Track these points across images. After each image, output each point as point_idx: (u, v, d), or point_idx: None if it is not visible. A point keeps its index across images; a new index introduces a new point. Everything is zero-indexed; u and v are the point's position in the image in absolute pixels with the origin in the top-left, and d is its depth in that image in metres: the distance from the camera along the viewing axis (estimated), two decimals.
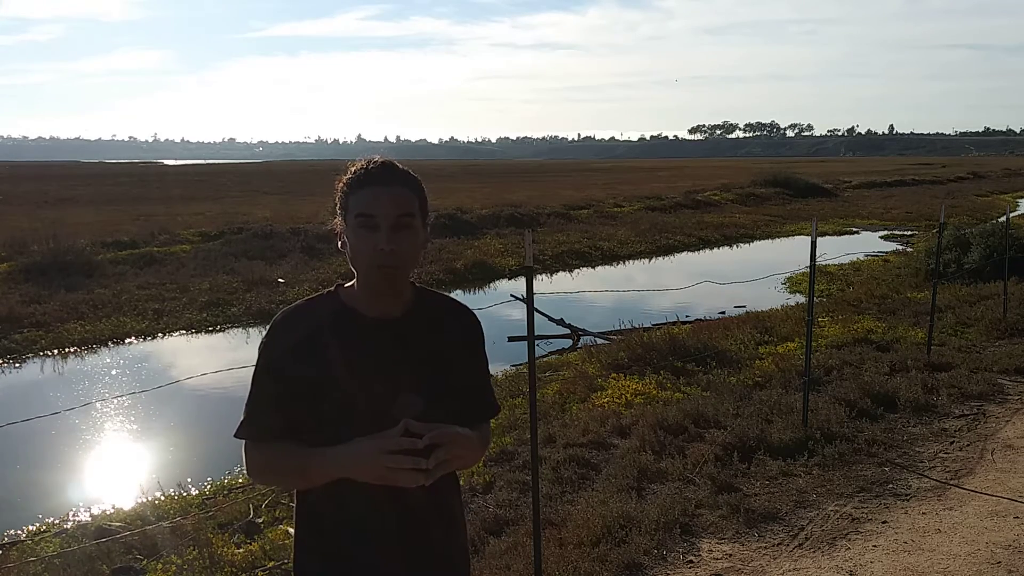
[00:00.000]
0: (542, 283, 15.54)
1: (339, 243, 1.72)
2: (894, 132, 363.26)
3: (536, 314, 4.25)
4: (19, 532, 5.16)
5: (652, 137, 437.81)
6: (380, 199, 1.64)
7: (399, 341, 1.71)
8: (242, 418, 1.72)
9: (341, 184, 1.70)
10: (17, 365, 10.03)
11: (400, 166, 1.71)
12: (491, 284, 15.77)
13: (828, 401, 6.26)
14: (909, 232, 23.10)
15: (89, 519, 5.25)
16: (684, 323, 10.06)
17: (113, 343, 10.96)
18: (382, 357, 1.69)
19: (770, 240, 23.06)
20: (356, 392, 1.66)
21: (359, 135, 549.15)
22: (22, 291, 13.00)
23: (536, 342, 4.08)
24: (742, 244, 22.44)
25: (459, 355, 1.80)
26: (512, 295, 9.21)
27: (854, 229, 24.34)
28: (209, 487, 5.75)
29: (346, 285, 1.76)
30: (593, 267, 18.43)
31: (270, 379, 1.70)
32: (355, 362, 1.67)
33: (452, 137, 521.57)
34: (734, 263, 18.87)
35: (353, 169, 1.70)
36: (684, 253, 20.74)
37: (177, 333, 11.60)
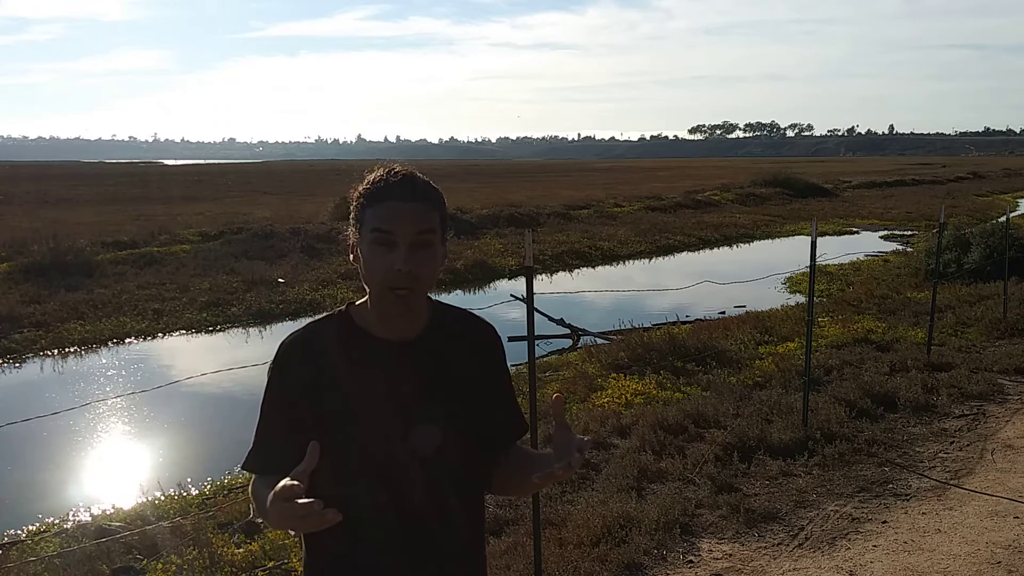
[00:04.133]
0: (542, 283, 15.54)
1: (351, 256, 1.62)
2: (894, 132, 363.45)
3: (536, 314, 4.25)
4: (19, 532, 5.16)
5: (652, 137, 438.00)
6: (399, 215, 1.53)
7: (416, 365, 1.61)
8: (250, 448, 1.66)
9: (356, 194, 1.58)
10: (17, 365, 10.03)
11: (421, 177, 1.59)
12: (491, 284, 15.76)
13: (828, 401, 6.26)
14: (909, 232, 23.09)
15: (89, 519, 5.25)
16: (684, 323, 10.06)
17: (113, 343, 10.96)
18: (398, 383, 1.60)
19: (770, 240, 23.05)
20: (372, 422, 1.58)
21: (359, 135, 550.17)
22: (22, 291, 12.99)
23: (536, 342, 4.08)
24: (742, 244, 22.43)
25: (481, 375, 1.70)
26: (512, 295, 9.22)
27: (854, 229, 24.32)
28: (209, 487, 5.74)
29: (358, 303, 1.67)
30: (593, 267, 18.43)
31: (278, 409, 1.62)
32: (370, 389, 1.59)
33: (452, 137, 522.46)
34: (734, 263, 18.86)
35: (371, 179, 1.58)
36: (684, 253, 20.73)
37: (177, 333, 11.59)
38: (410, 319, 1.63)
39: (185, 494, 5.60)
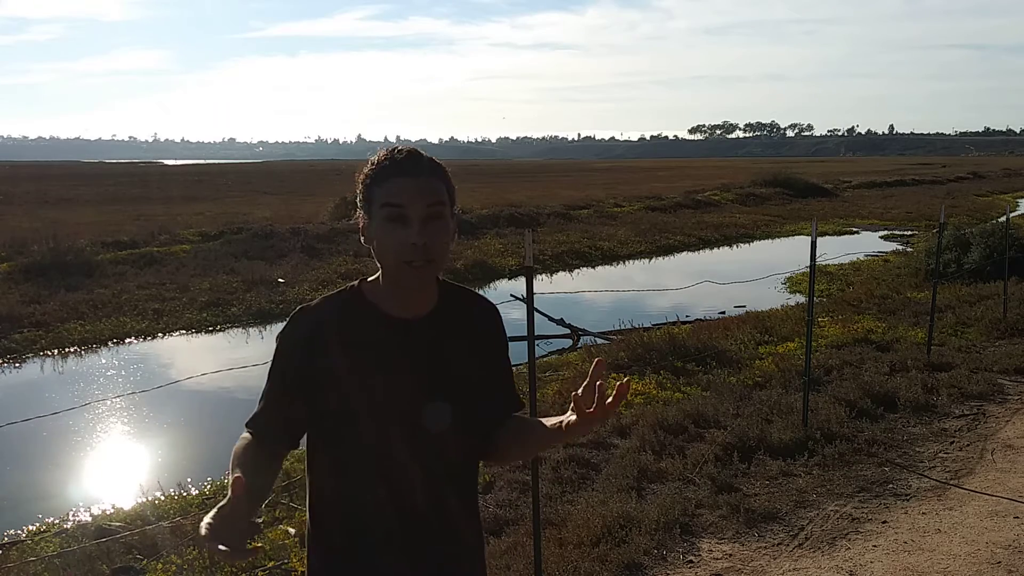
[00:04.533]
0: (542, 283, 15.54)
1: (361, 238, 1.64)
2: (894, 132, 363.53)
3: (536, 314, 4.25)
4: (19, 532, 5.15)
5: (652, 137, 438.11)
6: (408, 189, 1.55)
7: (426, 342, 1.63)
8: (256, 409, 1.67)
9: (363, 176, 1.61)
10: (17, 365, 10.03)
11: (424, 154, 1.61)
12: (491, 284, 15.76)
13: (828, 401, 6.26)
14: (909, 232, 23.08)
15: (89, 519, 5.24)
16: (684, 323, 10.05)
17: (113, 343, 10.96)
18: (409, 359, 1.61)
19: (770, 240, 23.04)
20: (382, 397, 1.59)
21: (359, 135, 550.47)
22: (22, 291, 12.98)
23: (536, 342, 4.08)
24: (742, 244, 22.43)
25: (487, 352, 1.74)
26: (512, 295, 9.21)
27: (854, 229, 24.31)
28: (209, 487, 5.74)
29: (369, 280, 1.68)
30: (593, 267, 18.43)
31: (285, 379, 1.63)
32: (380, 365, 1.60)
33: (452, 137, 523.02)
34: (734, 263, 18.86)
35: (375, 160, 1.61)
36: (684, 253, 20.72)
37: (177, 333, 11.59)
38: (423, 295, 1.64)
39: (185, 494, 5.59)
